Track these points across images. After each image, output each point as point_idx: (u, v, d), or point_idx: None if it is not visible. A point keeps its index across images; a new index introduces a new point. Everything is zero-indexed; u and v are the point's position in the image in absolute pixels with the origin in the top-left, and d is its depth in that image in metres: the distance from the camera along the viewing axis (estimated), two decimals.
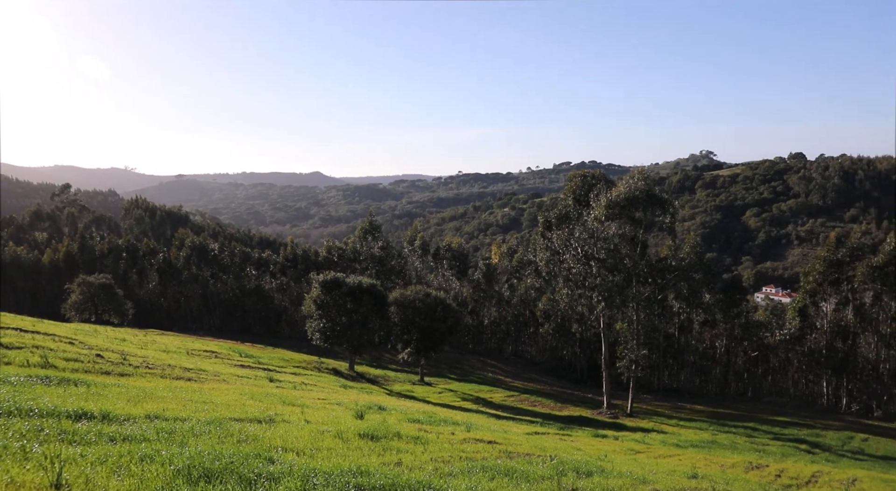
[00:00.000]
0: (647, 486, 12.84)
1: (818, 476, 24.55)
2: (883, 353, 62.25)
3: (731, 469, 24.75)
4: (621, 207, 45.04)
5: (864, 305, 62.49)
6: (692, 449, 32.21)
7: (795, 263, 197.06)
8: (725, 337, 72.13)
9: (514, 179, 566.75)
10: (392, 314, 51.93)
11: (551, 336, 79.54)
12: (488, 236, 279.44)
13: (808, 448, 39.17)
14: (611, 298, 45.43)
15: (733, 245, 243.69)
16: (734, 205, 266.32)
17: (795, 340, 65.69)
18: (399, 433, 13.60)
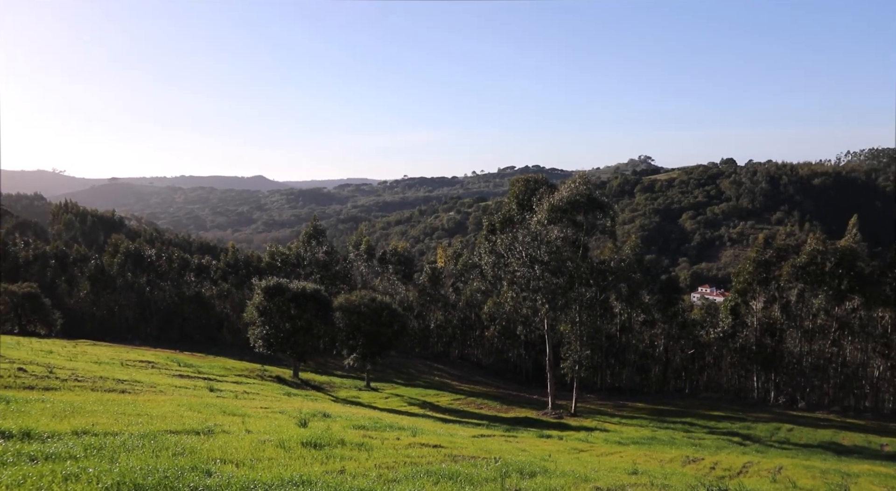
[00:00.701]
0: (588, 484, 13.11)
1: (748, 466, 25.67)
2: (806, 347, 65.80)
3: (669, 464, 25.56)
4: (563, 211, 45.98)
5: (789, 302, 65.89)
6: (633, 446, 33.13)
7: (728, 264, 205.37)
8: (664, 336, 74.62)
9: (460, 183, 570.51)
10: (337, 320, 51.30)
11: (497, 339, 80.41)
12: (434, 240, 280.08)
13: (741, 440, 40.88)
14: (554, 300, 46.27)
15: (671, 247, 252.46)
16: (671, 208, 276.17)
17: (728, 338, 68.59)
18: (343, 440, 13.44)
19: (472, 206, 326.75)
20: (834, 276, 62.28)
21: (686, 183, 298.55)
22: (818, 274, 62.80)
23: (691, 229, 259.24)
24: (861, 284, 62.01)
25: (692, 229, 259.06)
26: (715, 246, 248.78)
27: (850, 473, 24.56)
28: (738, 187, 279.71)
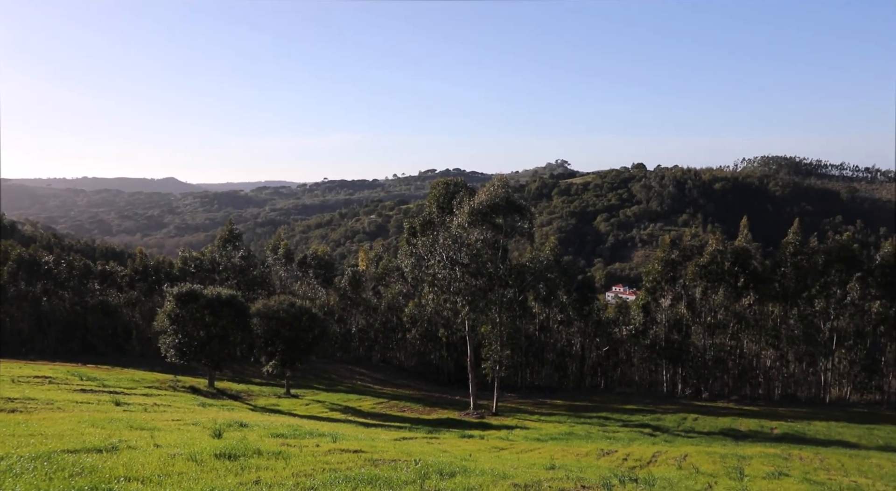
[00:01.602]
0: (506, 481, 13.43)
1: (658, 456, 27.05)
2: (708, 341, 70.14)
3: (585, 457, 26.53)
4: (483, 214, 46.77)
5: (694, 299, 70.03)
6: (552, 442, 34.11)
7: (639, 264, 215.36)
8: (580, 334, 77.34)
9: (381, 186, 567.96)
10: (255, 326, 49.81)
11: (419, 341, 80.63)
12: (355, 243, 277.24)
13: (651, 431, 42.97)
14: (475, 301, 46.97)
15: (587, 248, 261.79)
16: (587, 211, 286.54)
17: (640, 334, 71.99)
18: (260, 450, 13.11)
19: (394, 209, 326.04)
20: (732, 274, 66.81)
21: (600, 186, 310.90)
22: (718, 273, 67.15)
23: (606, 231, 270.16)
24: (755, 281, 66.85)
25: (606, 231, 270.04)
26: (627, 247, 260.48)
27: (745, 456, 26.40)
28: (648, 191, 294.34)
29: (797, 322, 66.20)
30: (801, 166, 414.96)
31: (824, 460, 26.84)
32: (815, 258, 65.75)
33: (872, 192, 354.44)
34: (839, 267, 64.93)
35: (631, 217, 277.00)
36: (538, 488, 12.82)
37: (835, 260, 65.07)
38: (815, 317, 65.80)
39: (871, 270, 64.87)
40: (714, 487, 18.50)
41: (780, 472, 22.75)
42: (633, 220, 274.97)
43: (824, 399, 65.99)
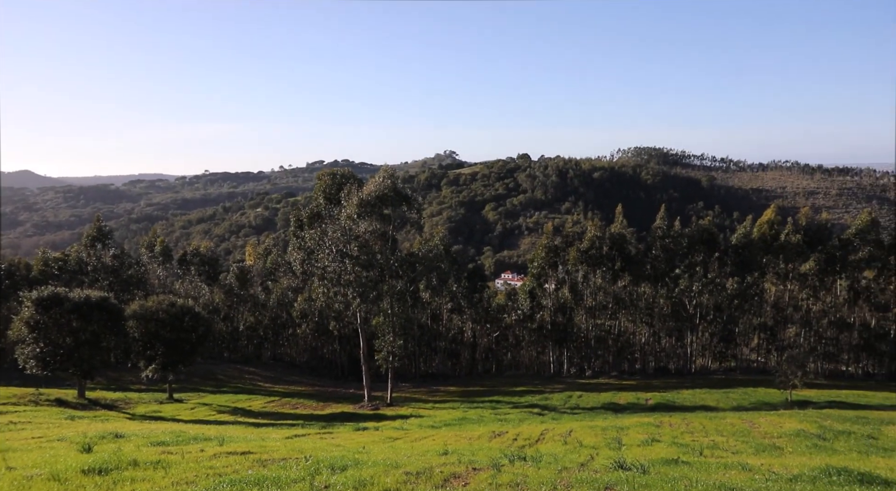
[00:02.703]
0: (399, 470, 13.55)
1: (545, 433, 28.42)
2: (590, 322, 74.43)
3: (477, 440, 27.33)
4: (371, 205, 46.49)
5: (576, 283, 73.91)
6: (445, 428, 34.79)
7: (526, 251, 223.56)
8: (471, 321, 79.22)
9: (267, 178, 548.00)
10: (131, 329, 46.49)
11: (310, 336, 79.02)
12: (241, 238, 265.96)
13: (540, 411, 45.02)
14: (366, 293, 46.71)
15: (476, 236, 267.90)
16: (475, 200, 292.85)
17: (527, 319, 74.96)
18: (136, 461, 12.32)
19: (281, 201, 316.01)
20: (609, 258, 71.22)
21: (488, 177, 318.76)
22: (598, 257, 71.33)
23: (494, 220, 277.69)
24: (629, 264, 71.73)
25: (495, 220, 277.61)
26: (515, 234, 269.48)
27: (623, 427, 28.41)
28: (533, 180, 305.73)
29: (666, 300, 71.82)
30: (669, 156, 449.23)
31: (690, 424, 29.44)
32: (680, 241, 71.57)
33: (727, 180, 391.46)
34: (701, 249, 71.18)
35: (517, 206, 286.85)
36: (430, 474, 13.05)
37: (697, 242, 71.22)
38: (682, 295, 71.71)
39: (727, 250, 71.69)
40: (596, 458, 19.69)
41: (653, 438, 24.71)
42: (519, 209, 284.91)
43: (690, 369, 72.30)
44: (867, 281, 71.15)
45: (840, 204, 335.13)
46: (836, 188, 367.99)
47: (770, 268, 72.24)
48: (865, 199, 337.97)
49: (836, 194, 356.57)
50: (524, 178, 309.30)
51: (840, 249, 69.69)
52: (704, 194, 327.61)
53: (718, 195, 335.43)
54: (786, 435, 25.60)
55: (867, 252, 69.15)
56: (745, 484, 10.46)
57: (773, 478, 11.76)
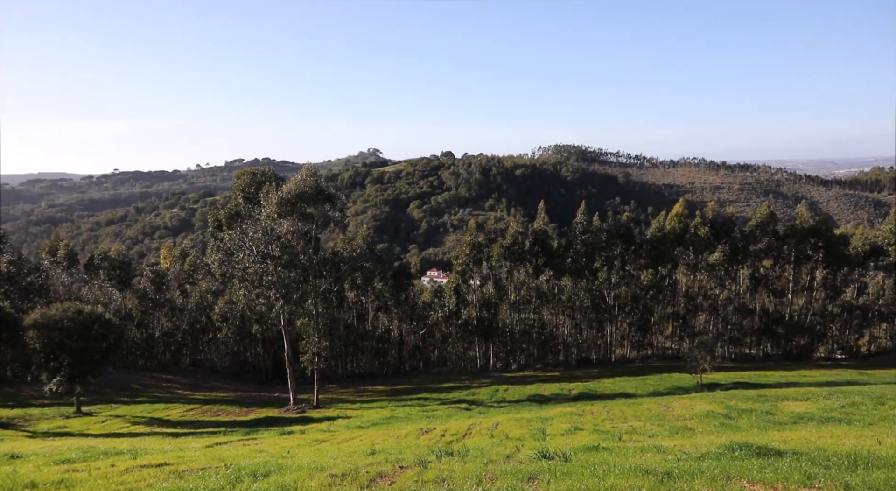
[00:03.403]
0: (324, 473, 13.34)
1: (473, 428, 28.78)
2: (515, 317, 75.99)
3: (405, 438, 27.32)
4: (293, 204, 45.49)
5: (500, 279, 75.21)
6: (373, 428, 34.58)
7: (452, 248, 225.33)
8: (398, 320, 79.07)
9: (183, 178, 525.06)
10: (31, 340, 43.32)
11: (232, 340, 76.37)
12: (156, 240, 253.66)
13: (467, 406, 45.54)
14: (289, 294, 45.66)
15: (401, 235, 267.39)
16: (400, 198, 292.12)
17: (453, 315, 75.60)
18: (35, 482, 11.51)
19: (199, 201, 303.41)
20: (532, 253, 72.93)
21: (412, 174, 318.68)
22: (520, 253, 72.86)
23: (419, 218, 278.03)
24: (551, 259, 73.74)
25: (420, 218, 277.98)
26: (440, 232, 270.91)
27: (547, 417, 29.20)
28: (456, 178, 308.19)
29: (587, 293, 74.35)
30: (588, 154, 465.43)
31: (610, 412, 30.63)
32: (599, 236, 74.22)
33: (642, 176, 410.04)
34: (618, 243, 74.11)
35: (442, 203, 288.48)
36: (356, 475, 12.93)
37: (615, 237, 74.08)
38: (601, 287, 74.44)
39: (642, 244, 75.01)
40: (521, 450, 20.13)
41: (576, 427, 25.54)
42: (444, 207, 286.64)
43: (610, 359, 75.20)
44: (766, 269, 76.41)
45: (742, 198, 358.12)
46: (738, 183, 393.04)
47: (682, 259, 76.18)
48: (763, 194, 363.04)
49: (738, 189, 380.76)
50: (448, 175, 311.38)
51: (742, 240, 74.42)
52: (621, 190, 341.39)
53: (634, 191, 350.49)
54: (697, 416, 27.10)
55: (766, 243, 74.23)
56: (659, 465, 10.98)
57: (684, 457, 12.42)
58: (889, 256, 73.41)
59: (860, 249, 74.40)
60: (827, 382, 45.10)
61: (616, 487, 8.82)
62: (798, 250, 73.95)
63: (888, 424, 20.44)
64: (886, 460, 10.15)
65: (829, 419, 23.24)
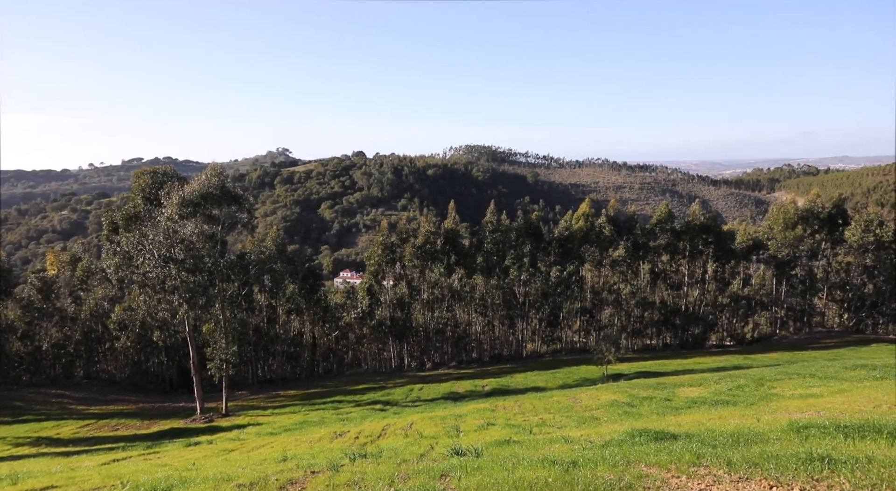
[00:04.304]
0: (230, 483, 12.90)
1: (387, 428, 28.72)
2: (428, 316, 76.46)
3: (318, 443, 26.84)
4: (197, 205, 43.50)
5: (413, 279, 75.44)
6: (285, 433, 33.74)
7: (364, 249, 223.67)
8: (310, 322, 77.49)
9: (74, 177, 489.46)
10: None
11: (132, 349, 71.96)
12: (43, 245, 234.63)
13: (382, 406, 45.34)
14: (194, 299, 43.66)
15: (313, 236, 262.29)
16: (311, 199, 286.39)
17: (367, 316, 75.05)
18: None
19: (93, 203, 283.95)
20: (444, 252, 73.69)
21: (323, 174, 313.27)
22: (432, 252, 73.43)
23: (331, 218, 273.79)
24: (463, 257, 74.84)
25: (332, 218, 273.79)
26: (353, 232, 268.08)
27: (462, 414, 29.62)
28: (369, 178, 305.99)
29: (498, 290, 76.01)
30: (498, 154, 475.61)
31: (522, 406, 31.50)
32: (509, 234, 76.07)
33: (549, 176, 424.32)
34: (528, 241, 76.28)
35: (354, 203, 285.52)
36: (265, 484, 12.60)
37: (524, 235, 76.21)
38: (512, 285, 76.33)
39: (551, 242, 77.62)
40: (435, 448, 20.32)
41: (489, 422, 26.08)
42: (356, 207, 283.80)
43: (522, 354, 77.29)
44: (664, 264, 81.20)
45: (642, 197, 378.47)
46: (638, 183, 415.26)
47: (588, 256, 79.48)
48: (661, 192, 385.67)
49: (638, 188, 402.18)
50: (360, 175, 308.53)
51: (644, 237, 78.68)
52: (530, 189, 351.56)
53: (542, 190, 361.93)
54: (602, 406, 28.41)
55: (665, 239, 78.88)
56: (565, 455, 11.44)
57: (589, 446, 13.00)
58: (769, 249, 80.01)
59: (744, 244, 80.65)
60: (718, 367, 48.50)
61: (524, 478, 9.10)
62: (692, 246, 79.06)
63: (766, 402, 22.33)
64: (762, 436, 11.10)
65: (719, 402, 25.06)
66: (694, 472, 8.48)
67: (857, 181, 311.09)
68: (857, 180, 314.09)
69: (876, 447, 9.00)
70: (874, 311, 78.56)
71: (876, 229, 74.57)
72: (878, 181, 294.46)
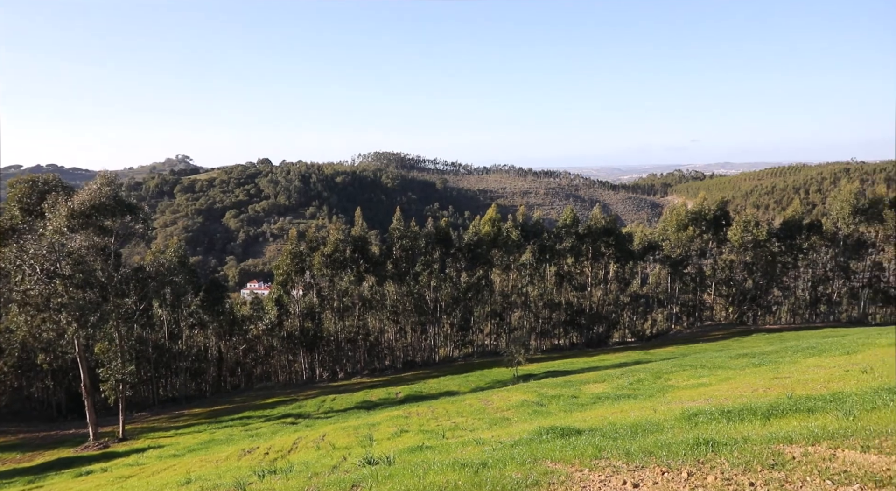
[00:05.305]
0: None
1: (298, 442, 28.01)
2: (340, 325, 75.40)
3: (225, 462, 25.77)
4: (86, 216, 40.64)
5: (323, 288, 74.14)
6: (190, 454, 32.11)
7: (272, 258, 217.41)
8: (216, 336, 74.27)
9: None
10: None
11: (11, 374, 65.87)
12: None
13: (293, 419, 44.15)
14: (84, 317, 40.65)
15: (217, 246, 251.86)
16: (214, 208, 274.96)
17: (276, 327, 72.90)
18: None
19: None
20: (353, 260, 72.96)
21: (227, 182, 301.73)
22: (342, 260, 72.51)
23: (236, 228, 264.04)
24: (373, 265, 74.43)
25: (237, 228, 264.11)
26: (260, 242, 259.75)
27: (375, 423, 29.42)
28: (275, 186, 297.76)
29: (409, 297, 76.14)
30: (407, 161, 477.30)
31: (435, 411, 31.71)
32: (418, 241, 76.45)
33: (458, 182, 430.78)
34: (438, 247, 76.99)
35: (261, 212, 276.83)
36: None
37: (434, 241, 76.86)
38: (423, 291, 76.72)
39: (461, 247, 78.75)
40: (348, 458, 20.07)
41: (402, 429, 26.05)
42: (263, 216, 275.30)
43: (435, 359, 77.78)
44: (569, 266, 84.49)
45: (547, 201, 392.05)
46: (543, 188, 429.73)
47: (497, 261, 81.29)
48: (565, 197, 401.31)
49: (544, 193, 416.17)
50: (266, 183, 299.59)
51: (550, 240, 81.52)
52: (440, 196, 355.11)
53: (451, 196, 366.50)
54: (513, 407, 29.14)
55: (570, 242, 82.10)
56: (476, 457, 11.66)
57: (500, 447, 13.33)
58: (663, 249, 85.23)
59: (642, 245, 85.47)
60: (620, 363, 51.01)
61: (435, 483, 9.20)
62: (595, 248, 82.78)
63: (663, 394, 23.78)
64: (658, 425, 11.85)
65: (621, 396, 26.39)
66: (595, 464, 8.91)
67: (737, 185, 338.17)
68: (737, 184, 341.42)
69: (752, 428, 9.85)
70: (754, 303, 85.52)
71: (753, 229, 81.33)
72: (754, 185, 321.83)
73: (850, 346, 30.43)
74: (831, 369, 21.42)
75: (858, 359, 24.08)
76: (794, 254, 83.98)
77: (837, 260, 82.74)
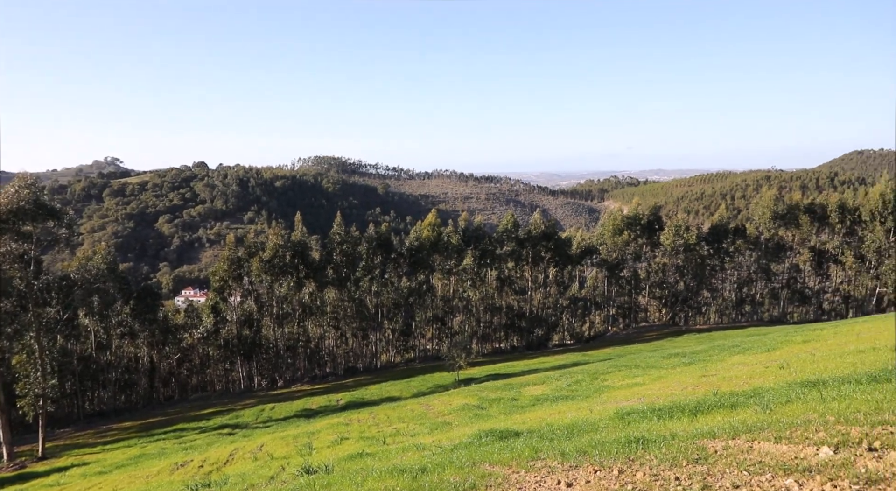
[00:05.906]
0: None
1: (235, 453, 27.23)
2: (279, 332, 73.83)
3: (156, 477, 24.78)
4: (4, 221, 38.32)
5: (261, 294, 72.44)
6: (117, 471, 30.69)
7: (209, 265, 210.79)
8: (147, 345, 71.34)
9: None
10: None
11: None
12: None
13: (230, 430, 42.88)
14: (0, 328, 38.30)
15: (149, 252, 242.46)
16: (146, 212, 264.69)
17: (212, 336, 70.67)
18: None
19: None
20: (293, 266, 71.65)
21: (160, 186, 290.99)
22: (281, 266, 71.08)
23: (170, 233, 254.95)
24: (313, 270, 73.31)
25: (171, 233, 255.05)
26: (195, 248, 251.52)
27: (314, 431, 28.94)
28: (212, 190, 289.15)
29: (350, 303, 75.36)
30: (348, 165, 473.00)
31: (376, 417, 31.48)
32: (358, 246, 75.83)
33: (400, 187, 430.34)
34: (379, 252, 76.55)
35: (196, 217, 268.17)
36: None
37: (375, 247, 76.39)
38: (364, 296, 76.11)
39: (402, 253, 78.59)
40: (287, 468, 19.67)
41: (342, 437, 25.73)
42: (198, 221, 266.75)
43: (377, 365, 77.22)
44: (509, 270, 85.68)
45: (489, 206, 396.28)
46: (484, 193, 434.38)
47: (438, 266, 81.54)
48: (505, 202, 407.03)
49: (485, 198, 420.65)
50: (202, 187, 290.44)
51: (491, 245, 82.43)
52: (381, 200, 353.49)
53: (393, 201, 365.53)
54: (454, 411, 29.27)
55: (510, 247, 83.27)
56: (416, 462, 11.66)
57: (439, 451, 13.36)
58: (600, 253, 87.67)
59: (580, 249, 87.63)
60: (559, 365, 52.05)
61: (373, 490, 9.16)
62: (534, 252, 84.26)
63: (599, 394, 24.44)
64: (594, 425, 12.18)
65: (559, 398, 26.95)
66: (532, 465, 9.07)
67: (669, 191, 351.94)
68: (669, 190, 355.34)
69: (680, 425, 10.28)
70: (685, 304, 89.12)
71: (684, 234, 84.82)
72: (685, 191, 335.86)
73: (770, 344, 32.17)
74: (753, 366, 22.57)
75: (777, 356, 25.49)
76: (722, 257, 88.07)
77: (760, 262, 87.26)
